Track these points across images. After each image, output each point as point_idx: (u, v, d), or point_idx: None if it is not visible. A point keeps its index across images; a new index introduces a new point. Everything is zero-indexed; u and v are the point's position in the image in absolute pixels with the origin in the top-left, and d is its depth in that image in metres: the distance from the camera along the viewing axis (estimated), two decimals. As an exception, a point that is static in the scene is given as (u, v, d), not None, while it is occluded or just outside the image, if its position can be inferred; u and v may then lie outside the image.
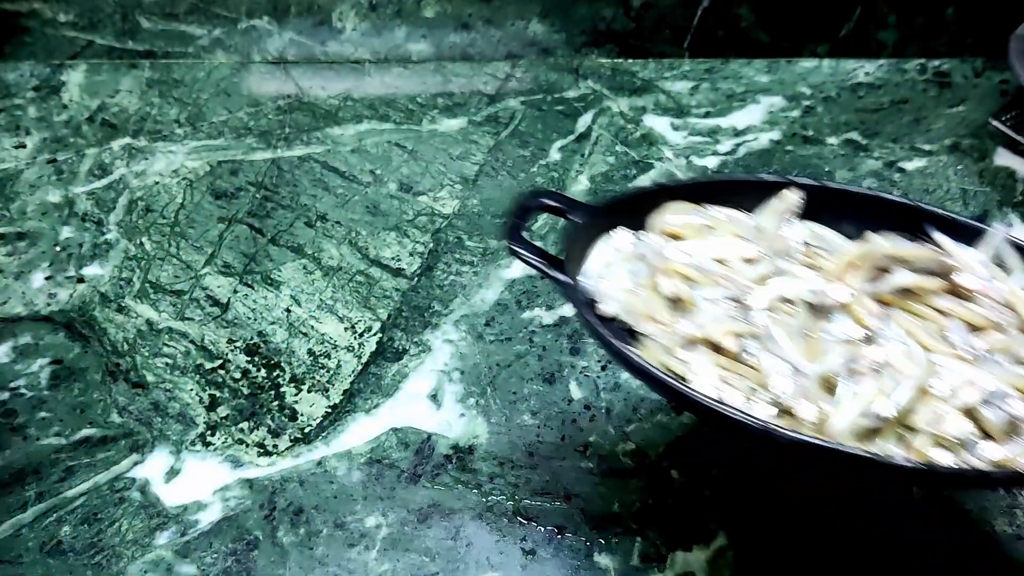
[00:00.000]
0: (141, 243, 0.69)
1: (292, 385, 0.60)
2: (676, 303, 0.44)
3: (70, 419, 0.58)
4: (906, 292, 0.43)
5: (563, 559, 0.51)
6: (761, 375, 0.40)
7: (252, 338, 0.62)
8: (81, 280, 0.66)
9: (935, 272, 0.43)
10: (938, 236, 0.46)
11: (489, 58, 0.85)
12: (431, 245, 0.69)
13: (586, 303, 0.44)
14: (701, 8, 0.82)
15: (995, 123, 0.77)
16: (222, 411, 0.58)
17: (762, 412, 0.39)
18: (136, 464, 0.55)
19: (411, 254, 0.68)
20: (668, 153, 0.76)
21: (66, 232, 0.70)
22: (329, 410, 0.58)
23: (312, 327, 0.63)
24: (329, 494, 0.54)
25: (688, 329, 0.42)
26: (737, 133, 0.78)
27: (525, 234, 0.45)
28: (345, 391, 0.59)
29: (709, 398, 0.39)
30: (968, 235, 0.46)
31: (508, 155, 0.76)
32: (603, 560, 0.51)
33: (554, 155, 0.76)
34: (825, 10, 0.82)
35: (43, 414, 0.58)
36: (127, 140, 0.77)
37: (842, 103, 0.81)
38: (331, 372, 0.60)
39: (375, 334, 0.63)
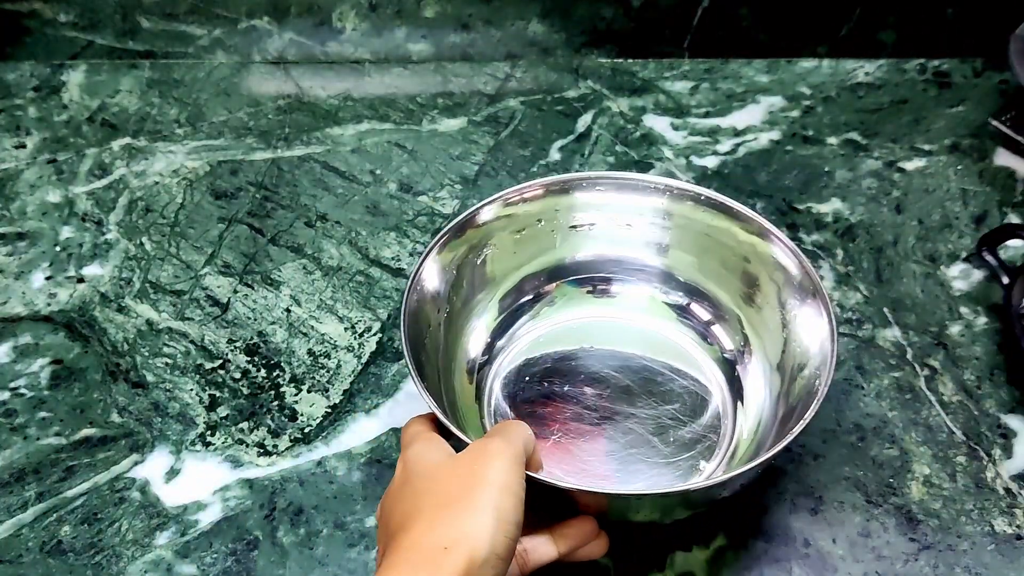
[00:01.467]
0: (141, 243, 0.69)
1: (292, 385, 0.60)
2: None
3: (70, 419, 0.58)
4: None
5: (563, 559, 0.51)
6: None
7: (252, 338, 0.62)
8: (81, 280, 0.66)
9: None
10: None
11: (489, 58, 0.85)
12: (431, 245, 0.69)
13: (1018, 311, 0.59)
14: (701, 8, 0.82)
15: (995, 123, 0.77)
16: (222, 411, 0.58)
17: None
18: (136, 464, 0.55)
19: (411, 254, 0.68)
20: (668, 153, 0.76)
21: (66, 232, 0.70)
22: (329, 410, 0.58)
23: (312, 327, 0.63)
24: (329, 494, 0.54)
25: None
26: (737, 133, 0.78)
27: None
28: (345, 391, 0.59)
29: None
30: None
31: (508, 155, 0.76)
32: (603, 560, 0.51)
33: (554, 155, 0.76)
34: (825, 10, 0.82)
35: (43, 414, 0.58)
36: (127, 140, 0.77)
37: (842, 103, 0.81)
38: (331, 372, 0.60)
39: (375, 334, 0.63)
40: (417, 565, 0.37)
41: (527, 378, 0.58)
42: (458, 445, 0.45)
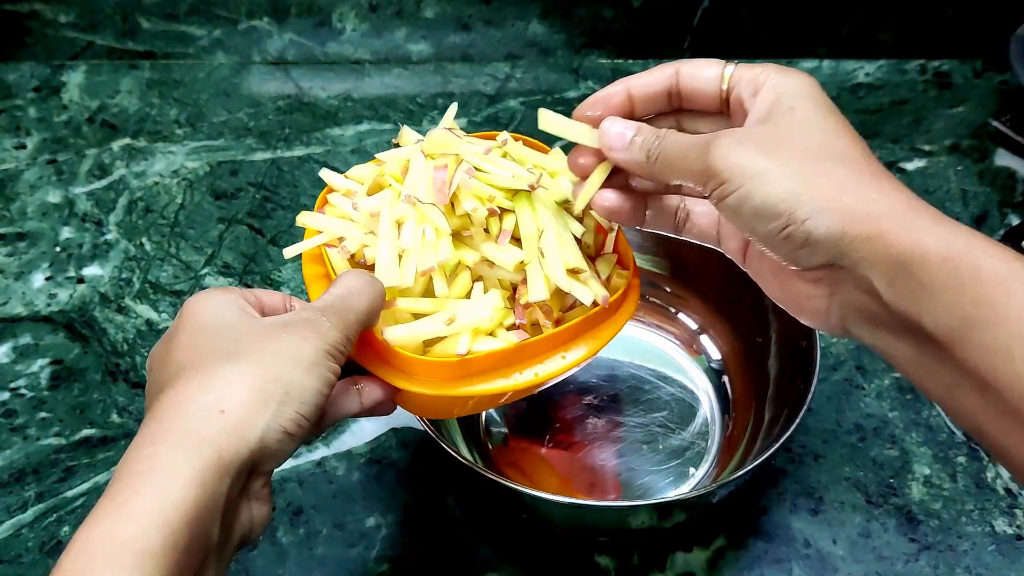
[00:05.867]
0: (141, 243, 0.69)
1: (292, 385, 0.60)
2: None
3: (70, 419, 0.58)
4: None
5: (564, 559, 0.51)
6: None
7: (252, 338, 0.62)
8: (81, 280, 0.66)
9: None
10: None
11: (489, 58, 0.85)
12: (431, 245, 0.69)
13: None
14: (701, 8, 0.82)
15: (995, 123, 0.77)
16: (222, 411, 0.58)
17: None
18: (136, 464, 0.55)
19: (411, 254, 0.68)
20: (668, 153, 0.76)
21: (66, 232, 0.70)
22: (329, 410, 0.58)
23: (312, 327, 0.63)
24: (329, 494, 0.54)
25: None
26: (737, 133, 0.78)
27: None
28: (345, 391, 0.59)
29: None
30: None
31: (508, 155, 0.76)
32: (603, 560, 0.51)
33: (554, 155, 0.76)
34: (825, 10, 0.82)
35: (43, 414, 0.58)
36: (127, 140, 0.77)
37: (842, 103, 0.81)
38: (331, 372, 0.60)
39: (375, 334, 0.63)
40: (182, 433, 0.31)
41: None
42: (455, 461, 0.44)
